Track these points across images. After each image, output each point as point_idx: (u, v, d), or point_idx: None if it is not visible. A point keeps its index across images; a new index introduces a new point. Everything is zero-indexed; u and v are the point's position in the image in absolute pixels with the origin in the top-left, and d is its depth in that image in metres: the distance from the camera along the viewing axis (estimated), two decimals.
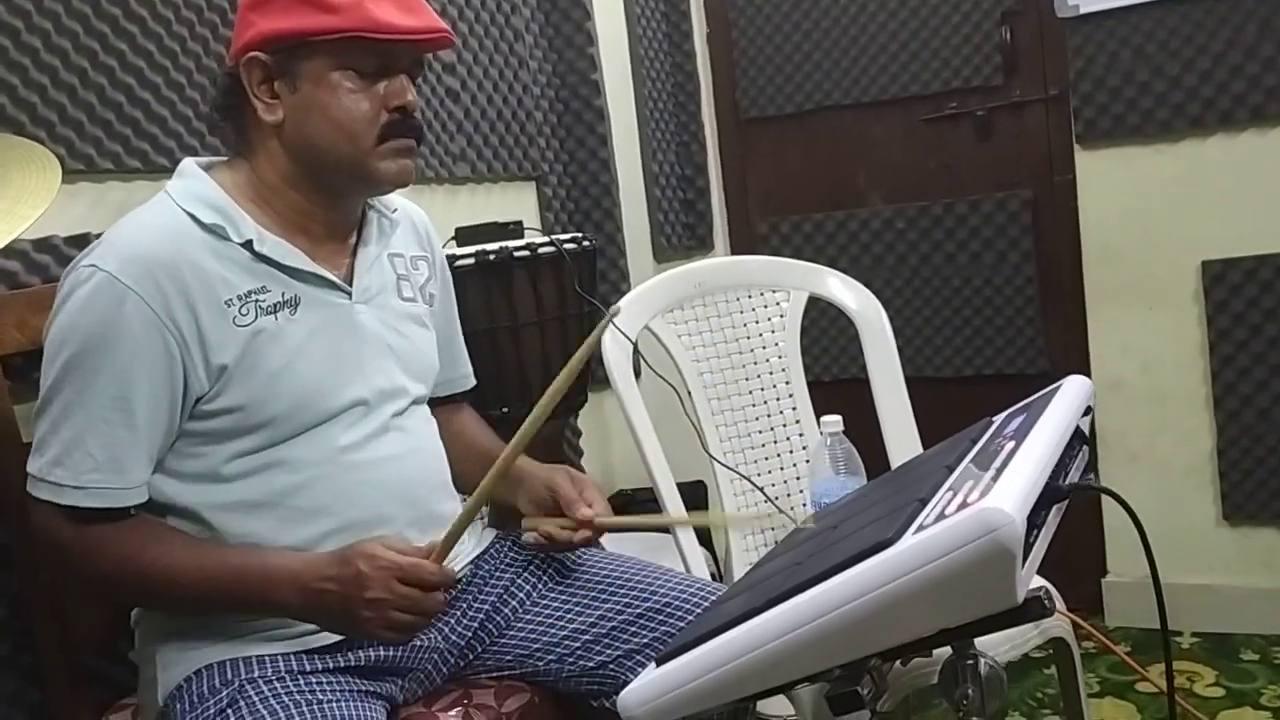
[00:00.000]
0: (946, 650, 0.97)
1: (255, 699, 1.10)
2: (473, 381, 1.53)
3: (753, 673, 0.87)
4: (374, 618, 1.09)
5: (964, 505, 0.80)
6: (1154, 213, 2.45)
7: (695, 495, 2.23)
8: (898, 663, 1.28)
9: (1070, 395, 1.09)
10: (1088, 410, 1.11)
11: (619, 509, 2.33)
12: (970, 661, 0.97)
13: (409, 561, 1.10)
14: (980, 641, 0.97)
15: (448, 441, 1.38)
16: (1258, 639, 2.42)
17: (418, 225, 1.43)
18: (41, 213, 0.81)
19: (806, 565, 0.93)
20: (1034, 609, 0.81)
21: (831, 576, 0.84)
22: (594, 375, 1.98)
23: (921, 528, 0.82)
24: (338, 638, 1.17)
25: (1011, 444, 0.95)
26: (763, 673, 0.87)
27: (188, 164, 1.23)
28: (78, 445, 1.10)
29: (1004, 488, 0.81)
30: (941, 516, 0.81)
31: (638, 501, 2.35)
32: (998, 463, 0.90)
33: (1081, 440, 1.07)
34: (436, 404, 1.43)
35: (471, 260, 1.72)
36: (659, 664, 0.94)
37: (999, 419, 1.16)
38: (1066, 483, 0.95)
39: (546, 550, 1.36)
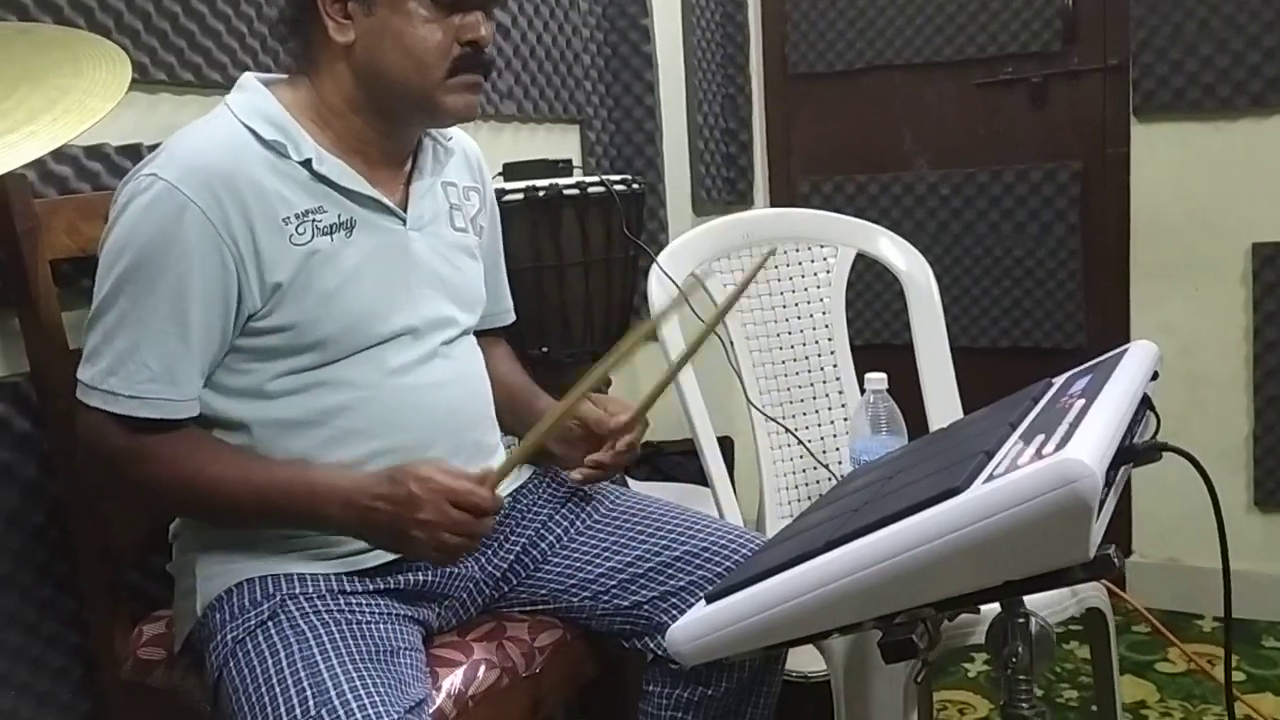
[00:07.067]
0: (993, 609, 0.95)
1: (296, 614, 1.10)
2: (512, 317, 1.51)
3: (808, 614, 0.86)
4: (425, 539, 1.08)
5: (1039, 456, 0.78)
6: (1207, 191, 2.40)
7: (723, 451, 2.21)
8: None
9: (1138, 359, 1.07)
10: (1155, 375, 1.09)
11: (648, 460, 2.32)
12: (1021, 620, 0.96)
13: (463, 486, 1.09)
14: None
15: None
16: None
17: (470, 156, 1.41)
18: (113, 106, 0.79)
19: (863, 511, 0.92)
20: (1103, 565, 0.79)
21: (895, 521, 0.82)
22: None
23: (992, 477, 0.80)
24: (378, 561, 1.17)
25: (1082, 402, 0.93)
26: (819, 614, 0.86)
27: (248, 78, 1.21)
28: (132, 355, 1.09)
29: (1082, 440, 0.79)
30: (1015, 467, 0.79)
31: (667, 454, 2.33)
32: (1069, 418, 0.88)
33: (1147, 406, 1.05)
34: (475, 336, 1.41)
35: (520, 195, 1.69)
36: (709, 601, 0.93)
37: (1060, 380, 1.14)
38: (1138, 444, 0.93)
39: (599, 480, 1.35)
